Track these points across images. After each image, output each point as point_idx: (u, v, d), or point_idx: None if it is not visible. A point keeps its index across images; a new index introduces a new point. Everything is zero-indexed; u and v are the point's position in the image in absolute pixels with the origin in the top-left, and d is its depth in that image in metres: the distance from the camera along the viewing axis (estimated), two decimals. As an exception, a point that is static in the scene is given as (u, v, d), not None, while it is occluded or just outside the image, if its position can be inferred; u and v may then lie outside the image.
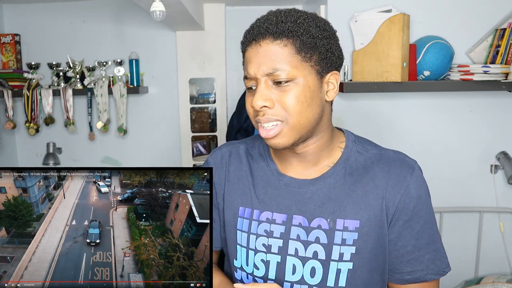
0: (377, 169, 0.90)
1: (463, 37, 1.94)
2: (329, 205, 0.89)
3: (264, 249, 0.91)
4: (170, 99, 2.77)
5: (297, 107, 0.82)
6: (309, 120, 0.85)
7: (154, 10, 1.63)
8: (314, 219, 0.89)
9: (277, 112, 0.83)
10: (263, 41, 0.83)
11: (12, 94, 2.47)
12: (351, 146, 0.94)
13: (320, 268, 0.88)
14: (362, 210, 0.88)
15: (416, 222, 0.89)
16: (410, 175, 0.90)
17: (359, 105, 1.98)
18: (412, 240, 0.89)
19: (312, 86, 0.84)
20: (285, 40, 0.82)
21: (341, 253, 0.87)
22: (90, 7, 2.67)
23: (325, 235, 0.88)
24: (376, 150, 0.94)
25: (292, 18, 0.83)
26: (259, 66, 0.83)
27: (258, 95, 0.83)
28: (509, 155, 2.01)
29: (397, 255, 0.90)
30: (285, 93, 0.82)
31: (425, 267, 0.90)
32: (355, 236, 0.87)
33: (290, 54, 0.82)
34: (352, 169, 0.91)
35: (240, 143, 1.03)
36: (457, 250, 2.10)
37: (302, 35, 0.82)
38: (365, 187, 0.89)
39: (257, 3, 2.59)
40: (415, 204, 0.89)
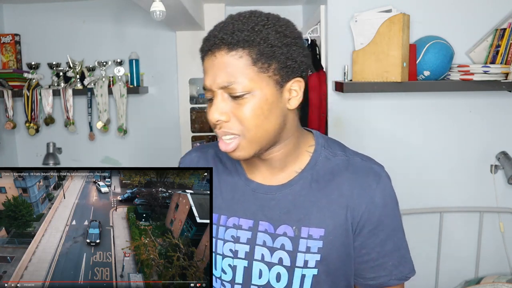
0: (344, 177, 0.88)
1: (463, 37, 1.94)
2: (294, 212, 0.88)
3: (231, 254, 0.90)
4: (170, 99, 2.77)
5: (253, 121, 0.80)
6: (268, 132, 0.82)
7: (154, 10, 1.63)
8: (279, 226, 0.88)
9: (233, 126, 0.81)
10: (218, 52, 0.80)
11: (12, 94, 2.47)
12: (319, 150, 0.91)
13: (285, 274, 0.88)
14: (327, 218, 0.87)
15: (381, 230, 0.89)
16: (376, 184, 0.88)
17: (359, 105, 1.98)
18: (376, 247, 0.89)
19: (270, 98, 0.81)
20: (241, 51, 0.78)
21: (305, 260, 0.87)
22: (90, 7, 2.67)
23: (290, 242, 0.87)
24: (344, 156, 0.91)
25: (249, 26, 0.80)
26: (214, 78, 0.80)
27: (213, 108, 0.81)
28: (509, 155, 2.01)
29: (361, 261, 0.90)
30: (241, 106, 0.80)
31: (388, 273, 0.90)
32: (320, 244, 0.86)
33: (245, 66, 0.79)
34: (319, 176, 0.89)
35: (209, 147, 1.02)
36: (457, 250, 2.10)
37: (259, 44, 0.79)
38: (330, 195, 0.88)
39: (257, 3, 2.59)
40: (380, 212, 0.88)
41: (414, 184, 2.04)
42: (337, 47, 1.95)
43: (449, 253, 2.10)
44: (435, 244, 2.09)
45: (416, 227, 2.08)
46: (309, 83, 1.95)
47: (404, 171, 2.04)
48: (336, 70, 1.95)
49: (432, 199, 2.06)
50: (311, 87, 1.94)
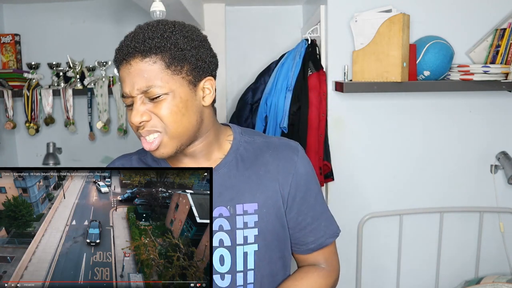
0: (267, 155, 0.96)
1: (463, 37, 1.94)
2: (226, 193, 0.93)
3: None
4: (170, 99, 2.76)
5: (171, 117, 0.86)
6: (186, 128, 0.89)
7: (154, 10, 1.63)
8: (214, 208, 0.93)
9: (155, 123, 0.87)
10: (133, 60, 0.85)
11: (12, 94, 2.47)
12: (238, 138, 0.99)
13: (228, 255, 0.92)
14: (258, 193, 0.94)
15: (309, 196, 0.98)
16: (296, 156, 0.97)
17: (359, 105, 1.98)
18: (310, 212, 0.98)
19: (184, 97, 0.87)
20: (154, 57, 0.84)
21: (245, 236, 0.92)
22: (90, 7, 2.67)
23: (227, 221, 0.92)
24: (262, 139, 1.00)
25: (158, 33, 0.85)
26: (133, 85, 0.85)
27: (134, 113, 0.86)
28: (509, 155, 2.01)
29: (300, 228, 0.98)
30: (159, 105, 0.86)
31: (323, 233, 1.00)
32: (256, 218, 0.93)
33: (160, 70, 0.85)
34: (243, 158, 0.96)
35: (132, 154, 1.06)
36: (457, 250, 2.10)
37: (170, 49, 0.85)
38: (258, 172, 0.95)
39: (257, 3, 2.59)
40: (305, 180, 0.97)
41: (414, 184, 2.04)
42: (337, 47, 1.95)
43: (449, 253, 2.10)
44: (435, 244, 2.09)
45: (416, 227, 2.08)
46: (309, 83, 1.95)
47: (404, 171, 2.04)
48: (336, 70, 1.95)
49: (432, 199, 2.06)
50: (311, 87, 1.94)
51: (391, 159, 2.03)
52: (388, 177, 2.03)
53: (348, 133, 1.98)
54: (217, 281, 0.93)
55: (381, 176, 2.01)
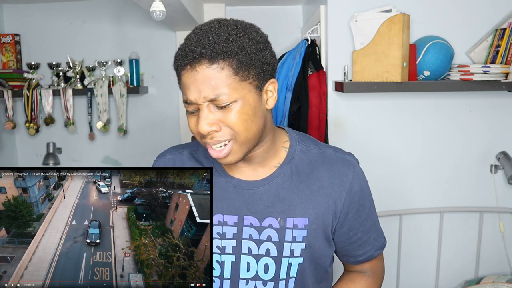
0: (322, 169, 0.95)
1: (463, 37, 1.94)
2: (278, 204, 0.93)
3: (218, 251, 0.93)
4: (170, 99, 2.77)
5: (242, 126, 0.83)
6: (255, 134, 0.86)
7: (154, 10, 1.63)
8: (265, 218, 0.92)
9: (224, 133, 0.84)
10: (199, 66, 0.80)
11: (12, 94, 2.47)
12: (295, 145, 0.97)
13: (273, 264, 0.93)
14: (310, 208, 0.93)
15: (362, 211, 0.98)
16: (352, 172, 0.95)
17: (359, 105, 1.98)
18: (361, 227, 0.98)
19: (252, 103, 0.84)
20: (222, 63, 0.80)
21: (292, 250, 0.92)
22: (90, 7, 2.67)
23: (276, 233, 0.92)
24: (318, 149, 0.97)
25: (224, 37, 0.81)
26: (199, 92, 0.81)
27: (203, 121, 0.82)
28: (509, 155, 2.01)
29: (350, 242, 0.99)
30: (228, 114, 0.82)
31: (372, 246, 1.01)
32: (305, 233, 0.92)
33: (228, 76, 0.81)
34: (298, 169, 0.95)
35: (183, 148, 1.03)
36: (457, 250, 2.10)
37: (237, 54, 0.81)
38: (311, 186, 0.94)
39: (257, 3, 2.59)
40: (359, 197, 0.96)
41: (414, 184, 2.04)
42: (337, 47, 1.95)
43: (449, 253, 2.10)
44: (435, 244, 2.09)
45: (416, 227, 2.08)
46: (309, 83, 1.95)
47: (404, 171, 2.04)
48: (336, 70, 1.95)
49: (432, 199, 2.06)
50: (311, 87, 1.94)
51: (391, 159, 2.03)
52: (388, 177, 2.03)
53: (348, 133, 1.98)
54: (259, 286, 0.94)
55: (381, 176, 2.01)
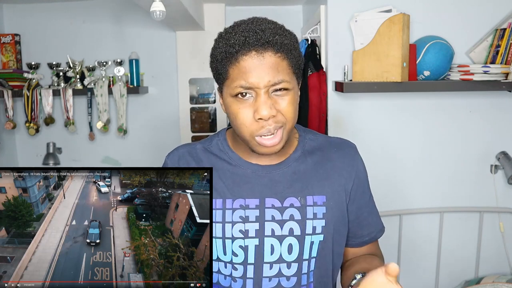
0: (331, 152, 1.02)
1: (463, 37, 1.94)
2: (297, 184, 0.97)
3: (242, 235, 0.95)
4: (170, 99, 2.77)
5: (293, 113, 0.91)
6: (294, 124, 0.94)
7: (154, 10, 1.63)
8: (285, 199, 0.96)
9: (279, 119, 0.89)
10: (266, 53, 0.86)
11: (12, 94, 2.47)
12: (303, 135, 1.04)
13: (296, 244, 0.96)
14: (326, 186, 0.98)
15: (366, 192, 1.05)
16: (356, 155, 1.04)
17: (359, 105, 1.98)
18: (366, 207, 1.05)
19: (297, 93, 0.93)
20: (283, 54, 0.88)
21: (313, 227, 0.96)
22: (90, 7, 2.67)
23: (298, 212, 0.96)
24: (323, 137, 1.06)
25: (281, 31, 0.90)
26: (265, 77, 0.86)
27: (264, 106, 0.86)
28: (509, 155, 2.01)
29: (358, 221, 1.04)
30: (283, 102, 0.89)
31: (375, 228, 1.07)
32: (324, 210, 0.97)
33: (287, 66, 0.89)
34: (309, 153, 1.01)
35: (196, 143, 1.06)
36: (457, 250, 2.10)
37: (292, 50, 0.90)
38: (325, 166, 1.00)
39: (257, 3, 2.59)
40: (363, 177, 1.04)
41: (414, 184, 2.05)
42: (337, 47, 1.95)
43: (449, 253, 2.10)
44: (435, 244, 2.09)
45: (416, 227, 2.08)
46: (309, 83, 1.95)
47: (404, 171, 2.04)
48: (336, 70, 1.95)
49: (432, 199, 2.06)
50: (311, 87, 1.94)
51: (391, 159, 2.03)
52: (388, 177, 2.03)
53: (348, 133, 1.98)
54: (283, 270, 0.96)
55: (381, 176, 2.01)
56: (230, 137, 1.03)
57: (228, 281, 0.96)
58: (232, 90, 0.88)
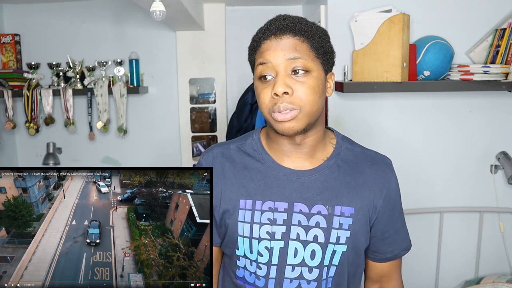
0: (365, 166, 1.02)
1: (463, 37, 1.94)
2: (327, 193, 0.98)
3: (268, 237, 0.97)
4: (170, 99, 2.77)
5: (312, 96, 0.91)
6: (318, 110, 0.94)
7: (154, 10, 1.63)
8: (314, 205, 0.97)
9: (294, 100, 0.90)
10: (284, 35, 0.91)
11: (12, 94, 2.47)
12: (341, 142, 1.05)
13: (320, 251, 0.97)
14: (355, 199, 0.99)
15: (395, 210, 1.05)
16: (390, 172, 1.05)
17: (359, 105, 1.98)
18: (393, 225, 1.05)
19: (321, 80, 0.94)
20: (302, 37, 0.91)
21: (338, 236, 0.97)
22: (90, 7, 2.67)
23: (325, 220, 0.97)
24: (360, 149, 1.06)
25: (303, 21, 0.94)
26: (281, 52, 0.90)
27: (280, 82, 0.89)
28: (509, 155, 2.01)
29: (382, 238, 1.04)
30: (303, 83, 0.90)
31: (400, 246, 1.07)
32: (350, 222, 0.97)
33: (307, 48, 0.91)
34: (344, 163, 1.01)
35: (230, 143, 1.07)
36: (457, 250, 2.10)
37: (314, 36, 0.93)
38: (357, 179, 1.00)
39: (257, 3, 2.59)
40: (395, 196, 1.04)
41: (414, 184, 2.04)
42: (337, 47, 1.93)
43: (449, 253, 2.10)
44: (435, 244, 2.09)
45: (416, 227, 2.07)
46: (309, 83, 1.95)
47: (404, 171, 2.03)
48: (336, 70, 1.94)
49: (432, 199, 2.06)
50: (311, 87, 1.94)
51: (391, 159, 2.02)
52: (388, 177, 2.03)
53: (348, 133, 1.97)
54: (305, 273, 0.97)
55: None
56: (264, 136, 1.05)
57: (252, 278, 1.00)
58: (256, 72, 0.94)
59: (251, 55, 0.97)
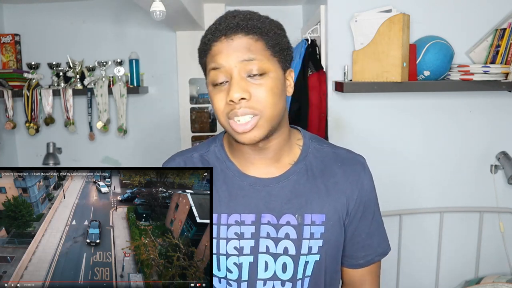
0: (335, 167, 0.95)
1: (463, 37, 1.94)
2: (295, 201, 0.92)
3: (236, 252, 0.91)
4: (170, 99, 2.77)
5: (272, 99, 0.84)
6: (279, 112, 0.87)
7: (154, 10, 1.63)
8: (282, 215, 0.91)
9: (253, 104, 0.84)
10: (235, 35, 0.84)
11: (12, 94, 2.47)
12: (308, 143, 0.97)
13: (291, 263, 0.91)
14: (327, 204, 0.92)
15: (368, 213, 0.97)
16: (363, 172, 0.97)
17: (359, 105, 1.98)
18: (366, 229, 0.97)
19: (280, 80, 0.87)
20: (256, 36, 0.84)
21: (309, 247, 0.91)
22: (90, 7, 2.67)
23: (294, 230, 0.91)
24: (330, 148, 0.98)
25: (255, 17, 0.87)
26: (233, 54, 0.83)
27: (235, 87, 0.82)
28: (509, 155, 2.01)
29: (354, 242, 0.98)
30: (260, 86, 0.84)
31: (374, 251, 0.99)
32: (322, 230, 0.92)
33: (262, 48, 0.85)
34: (312, 166, 0.95)
35: (192, 151, 1.00)
36: (457, 250, 2.10)
37: (268, 32, 0.86)
38: (326, 182, 0.94)
39: (257, 3, 2.59)
40: (368, 197, 0.97)
41: (414, 184, 2.04)
42: (337, 47, 1.95)
43: (449, 253, 2.10)
44: (435, 244, 2.09)
45: (416, 227, 2.08)
46: (309, 83, 1.95)
47: (404, 171, 2.04)
48: (336, 70, 1.95)
49: (432, 199, 2.06)
50: (311, 87, 1.94)
51: (391, 159, 2.03)
52: (388, 177, 2.03)
53: (348, 133, 1.98)
54: (277, 287, 0.92)
55: (380, 176, 2.00)
56: (227, 142, 0.98)
57: None
58: (209, 78, 0.87)
59: (202, 58, 0.89)
